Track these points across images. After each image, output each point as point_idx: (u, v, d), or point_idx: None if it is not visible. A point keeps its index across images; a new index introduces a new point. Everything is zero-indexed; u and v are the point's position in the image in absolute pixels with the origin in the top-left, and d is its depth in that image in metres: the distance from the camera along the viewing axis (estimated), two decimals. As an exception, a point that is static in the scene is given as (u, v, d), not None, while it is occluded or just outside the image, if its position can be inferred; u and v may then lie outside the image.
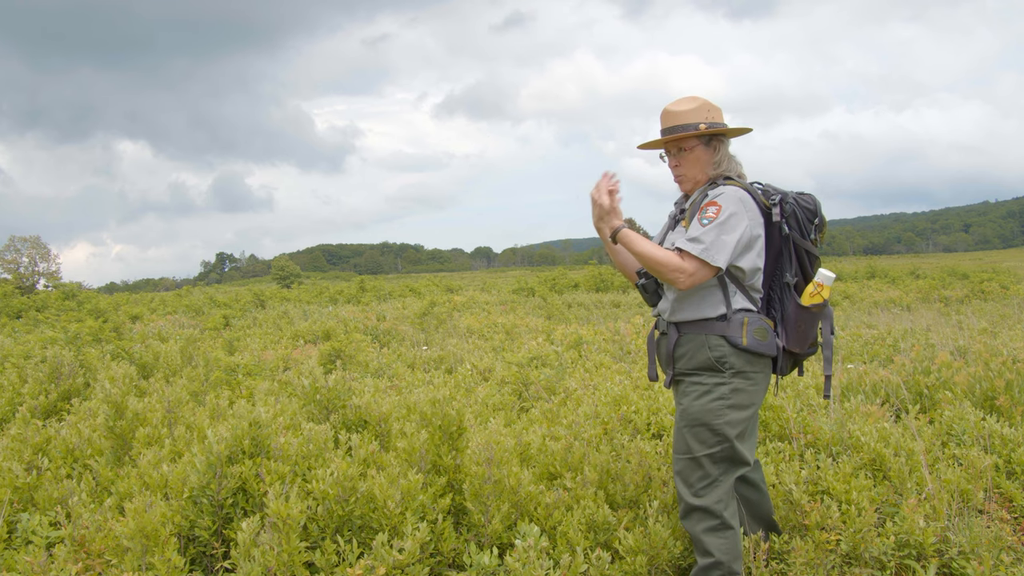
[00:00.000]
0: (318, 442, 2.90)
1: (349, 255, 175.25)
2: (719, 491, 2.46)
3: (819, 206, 2.54)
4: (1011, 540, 3.01)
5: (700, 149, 2.55)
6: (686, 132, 2.51)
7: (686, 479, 2.50)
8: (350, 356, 7.51)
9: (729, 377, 2.43)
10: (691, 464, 2.48)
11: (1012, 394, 4.52)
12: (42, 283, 37.31)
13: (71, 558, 2.43)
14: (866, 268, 30.27)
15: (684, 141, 2.56)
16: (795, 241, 2.51)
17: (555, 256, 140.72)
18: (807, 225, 2.52)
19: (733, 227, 2.40)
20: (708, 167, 2.55)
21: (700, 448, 2.46)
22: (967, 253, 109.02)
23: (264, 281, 73.67)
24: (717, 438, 2.44)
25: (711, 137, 2.54)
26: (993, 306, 13.49)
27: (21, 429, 3.44)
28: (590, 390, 4.82)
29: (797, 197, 2.52)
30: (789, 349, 2.52)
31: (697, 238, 2.38)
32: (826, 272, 2.48)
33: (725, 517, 2.45)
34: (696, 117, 2.51)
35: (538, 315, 13.88)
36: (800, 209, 2.50)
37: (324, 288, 32.61)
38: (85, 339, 7.47)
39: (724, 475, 2.47)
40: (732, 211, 2.41)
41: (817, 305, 2.47)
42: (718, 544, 2.43)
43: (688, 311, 2.51)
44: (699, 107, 2.52)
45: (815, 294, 2.47)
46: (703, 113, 2.52)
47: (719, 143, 2.56)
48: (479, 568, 2.46)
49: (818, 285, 2.47)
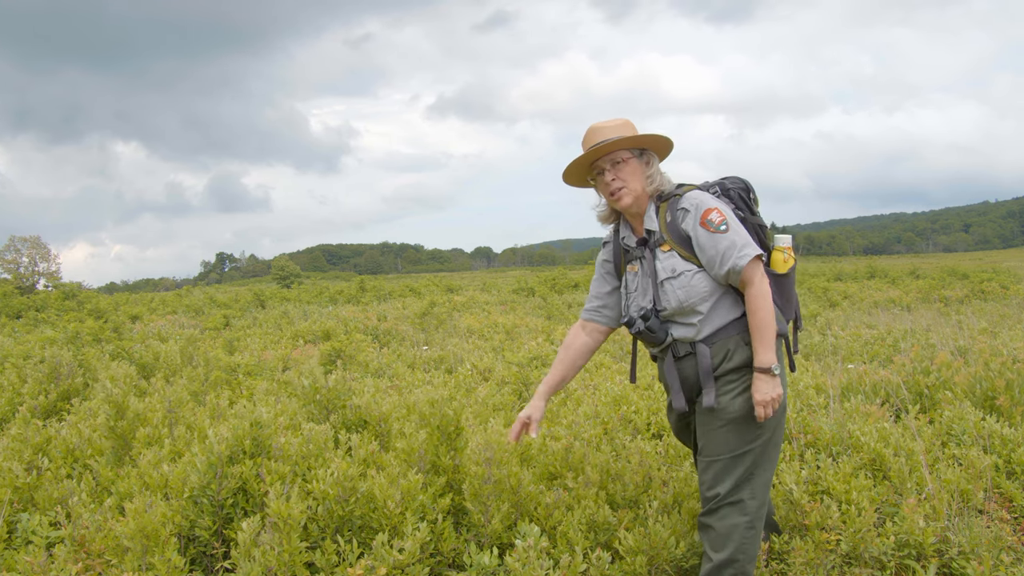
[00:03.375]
0: (318, 442, 2.90)
1: (349, 255, 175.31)
2: (755, 486, 2.43)
3: (748, 182, 2.64)
4: (1011, 540, 3.01)
5: (634, 162, 2.54)
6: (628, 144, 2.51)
7: (723, 478, 2.42)
8: (350, 356, 7.51)
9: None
10: (732, 462, 2.42)
11: (1012, 394, 4.52)
12: (42, 283, 37.31)
13: (71, 558, 2.43)
14: (866, 268, 30.26)
15: (617, 153, 2.53)
16: (748, 220, 2.57)
17: (555, 256, 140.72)
18: (748, 202, 2.61)
19: (736, 219, 2.48)
20: (643, 179, 2.55)
21: (742, 444, 2.42)
22: (967, 253, 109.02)
23: (264, 281, 73.66)
24: (759, 430, 2.43)
25: (642, 151, 2.56)
26: (993, 306, 13.48)
27: (21, 429, 3.44)
28: (590, 390, 4.82)
29: (728, 181, 2.62)
30: (791, 320, 2.61)
31: (742, 243, 2.39)
32: (784, 236, 2.60)
33: (756, 517, 2.42)
34: (622, 132, 2.55)
35: (538, 315, 13.88)
36: (738, 191, 2.60)
37: (324, 288, 32.62)
38: (85, 339, 7.48)
39: (761, 470, 2.44)
40: (723, 207, 2.47)
41: (792, 268, 2.58)
42: (741, 542, 2.39)
43: (716, 321, 2.46)
44: (624, 124, 2.56)
45: (787, 259, 2.57)
46: (629, 129, 2.56)
47: (651, 157, 2.58)
48: (479, 568, 2.46)
49: (786, 250, 2.58)
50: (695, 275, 2.44)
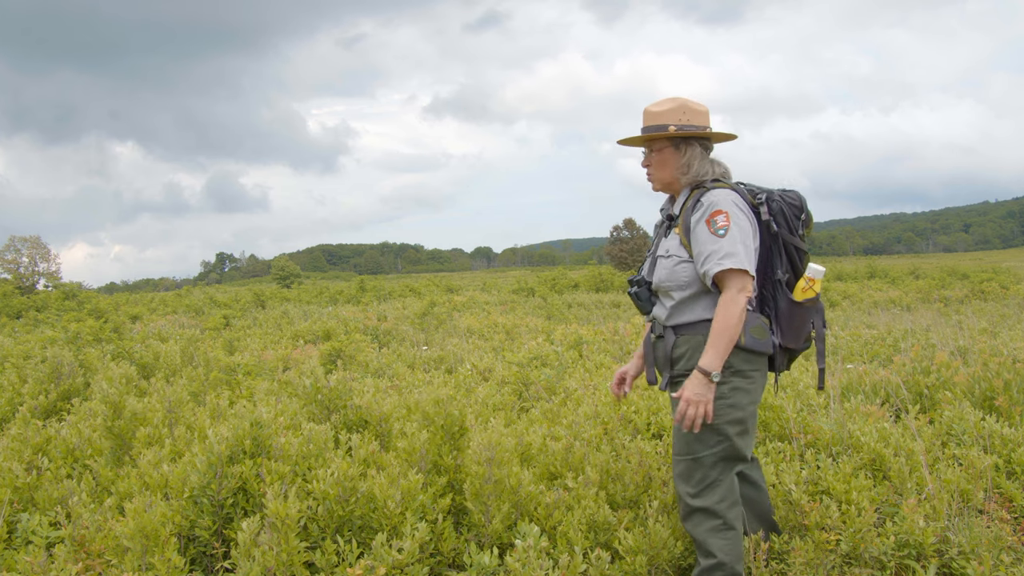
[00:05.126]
0: (318, 442, 2.90)
1: (349, 255, 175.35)
2: (720, 491, 2.46)
3: (804, 202, 2.55)
4: (1011, 540, 3.01)
5: (669, 151, 2.55)
6: (655, 133, 2.52)
7: (687, 480, 2.50)
8: (350, 356, 7.51)
9: (728, 376, 2.43)
10: (692, 465, 2.48)
11: (1012, 394, 4.52)
12: (42, 283, 37.30)
13: (71, 558, 2.43)
14: (866, 268, 30.27)
15: (654, 142, 2.56)
16: (784, 238, 2.51)
17: (555, 256, 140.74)
18: (794, 221, 2.52)
19: (744, 231, 2.41)
20: (675, 169, 2.55)
21: (701, 448, 2.46)
22: (967, 253, 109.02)
23: (264, 281, 73.66)
24: (718, 437, 2.44)
25: (681, 140, 2.54)
26: (993, 306, 13.49)
27: (21, 429, 3.44)
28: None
29: (783, 194, 2.53)
30: (785, 345, 2.54)
31: (728, 252, 2.36)
32: (816, 266, 2.50)
33: (728, 518, 2.45)
34: (669, 118, 2.52)
35: (538, 315, 13.88)
36: (787, 206, 2.51)
37: (324, 288, 32.62)
38: (85, 339, 7.48)
39: (724, 474, 2.47)
40: (737, 216, 2.41)
41: (810, 300, 2.50)
42: (720, 545, 2.43)
43: (687, 314, 2.51)
44: (674, 108, 2.52)
45: (807, 289, 2.49)
46: (677, 115, 2.52)
47: (688, 146, 2.54)
48: (479, 568, 2.46)
49: (809, 280, 2.49)
50: (681, 263, 2.49)
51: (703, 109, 2.55)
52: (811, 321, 2.56)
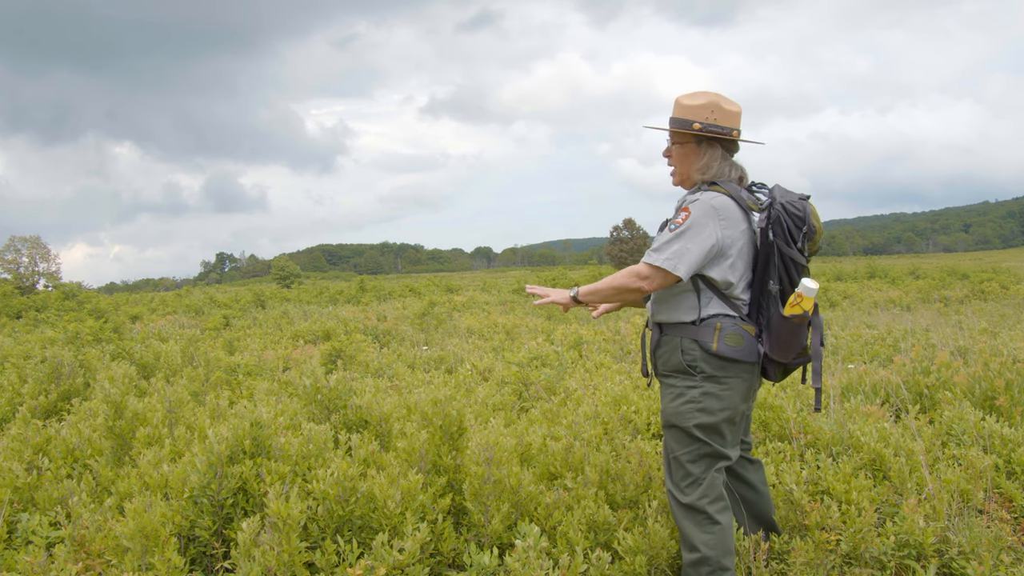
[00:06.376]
0: (318, 442, 2.90)
1: (349, 255, 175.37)
2: (702, 487, 2.46)
3: (810, 213, 2.43)
4: (1011, 540, 3.01)
5: (691, 147, 2.52)
6: (679, 128, 2.51)
7: (670, 477, 2.55)
8: (350, 356, 7.51)
9: (700, 381, 2.43)
10: (673, 463, 2.53)
11: (1012, 394, 4.52)
12: (42, 283, 37.31)
13: (71, 558, 2.43)
14: (866, 268, 30.26)
15: (678, 134, 2.55)
16: (780, 248, 2.41)
17: (555, 256, 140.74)
18: (794, 232, 2.41)
19: (697, 235, 2.36)
20: (694, 167, 2.53)
21: (677, 448, 2.50)
22: (967, 253, 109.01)
23: (264, 281, 73.65)
24: (690, 439, 2.47)
25: (705, 138, 2.50)
26: (993, 306, 13.48)
27: (21, 429, 3.44)
28: (590, 390, 4.82)
29: (786, 203, 2.41)
30: (772, 357, 2.46)
31: (659, 247, 2.40)
32: (809, 283, 2.36)
33: (710, 512, 2.44)
34: (697, 115, 2.47)
35: (538, 315, 13.87)
36: (787, 216, 2.40)
37: (324, 288, 32.62)
38: (85, 339, 7.47)
39: (705, 472, 2.48)
40: (699, 220, 2.37)
41: (797, 316, 2.37)
42: (704, 539, 2.43)
43: (665, 313, 2.54)
44: (704, 105, 2.46)
45: (795, 304, 2.36)
46: (705, 112, 2.46)
47: (710, 147, 2.49)
48: (479, 568, 2.46)
49: (798, 295, 2.36)
50: None
51: (735, 109, 2.48)
52: (803, 337, 2.43)
